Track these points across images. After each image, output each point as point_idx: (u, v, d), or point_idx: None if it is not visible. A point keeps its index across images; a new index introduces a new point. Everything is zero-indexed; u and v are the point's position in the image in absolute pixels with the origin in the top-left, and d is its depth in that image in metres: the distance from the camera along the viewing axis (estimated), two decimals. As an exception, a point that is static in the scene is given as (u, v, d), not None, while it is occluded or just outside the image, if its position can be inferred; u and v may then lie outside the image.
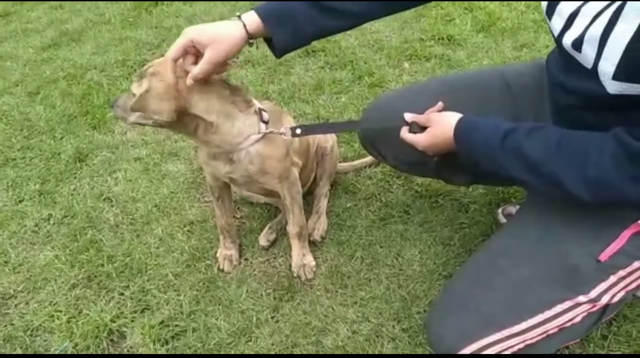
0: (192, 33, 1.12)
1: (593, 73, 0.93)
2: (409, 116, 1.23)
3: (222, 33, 1.11)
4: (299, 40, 1.17)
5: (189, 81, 1.16)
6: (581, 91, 1.01)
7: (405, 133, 1.22)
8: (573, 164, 0.95)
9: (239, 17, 1.12)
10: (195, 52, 1.16)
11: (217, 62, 1.12)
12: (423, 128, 1.20)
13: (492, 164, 1.07)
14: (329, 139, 1.74)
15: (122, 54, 2.86)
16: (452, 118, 1.13)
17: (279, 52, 1.18)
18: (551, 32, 1.06)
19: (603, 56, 0.90)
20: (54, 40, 3.17)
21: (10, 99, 2.63)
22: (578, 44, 0.94)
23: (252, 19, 1.12)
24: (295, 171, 1.50)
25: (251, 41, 1.14)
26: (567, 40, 0.97)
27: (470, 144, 1.10)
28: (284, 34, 1.13)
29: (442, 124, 1.15)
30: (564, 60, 1.04)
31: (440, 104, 1.23)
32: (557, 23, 1.01)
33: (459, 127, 1.11)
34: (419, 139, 1.19)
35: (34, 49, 3.10)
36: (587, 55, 0.93)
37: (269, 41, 1.18)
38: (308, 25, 1.14)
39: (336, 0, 1.13)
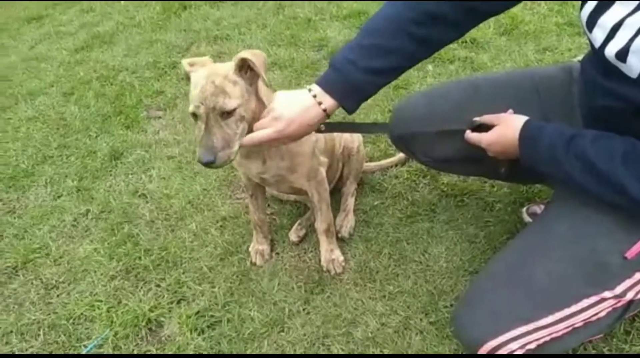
0: (283, 124, 1.17)
1: (638, 82, 0.95)
2: (477, 119, 1.27)
3: (305, 125, 1.19)
4: (365, 99, 1.25)
5: (247, 141, 1.21)
6: (622, 97, 1.02)
7: (469, 133, 1.27)
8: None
9: (315, 96, 1.19)
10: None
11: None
12: (488, 128, 1.23)
13: (554, 169, 1.09)
14: (355, 140, 1.79)
15: (152, 56, 2.96)
16: (519, 120, 1.17)
17: (350, 113, 1.26)
18: (591, 43, 1.07)
19: None
20: (86, 42, 3.28)
21: (46, 100, 2.74)
22: (623, 55, 0.95)
23: (330, 103, 1.19)
24: (323, 171, 1.55)
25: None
26: (610, 51, 0.98)
27: (534, 146, 1.12)
28: (352, 102, 1.22)
29: (509, 125, 1.18)
30: (603, 66, 1.05)
31: (510, 110, 1.27)
32: (598, 35, 1.02)
33: (525, 129, 1.14)
34: (482, 137, 1.23)
35: (67, 51, 3.22)
36: (632, 65, 0.95)
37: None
38: (370, 88, 1.22)
39: (381, 60, 1.18)
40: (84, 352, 1.48)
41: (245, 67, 1.22)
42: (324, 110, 1.19)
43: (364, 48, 1.18)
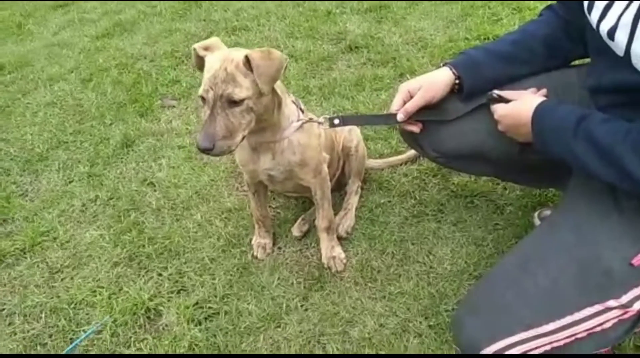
0: (406, 85, 1.33)
1: (626, 60, 0.96)
2: (497, 91, 1.28)
3: (431, 78, 1.32)
4: (481, 85, 1.31)
5: (400, 115, 1.30)
6: (618, 84, 1.03)
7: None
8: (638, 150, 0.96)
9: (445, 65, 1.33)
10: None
11: (426, 98, 1.30)
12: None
13: (561, 147, 1.08)
14: (353, 139, 1.76)
15: (171, 45, 2.96)
16: (537, 99, 1.18)
17: (465, 94, 1.32)
18: (591, 27, 1.08)
19: (635, 37, 0.93)
20: (108, 30, 3.31)
21: (65, 86, 2.77)
22: (612, 32, 0.99)
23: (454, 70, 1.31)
24: (325, 166, 1.53)
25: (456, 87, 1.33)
26: (603, 29, 1.02)
27: (545, 123, 1.12)
28: (471, 80, 1.31)
29: (526, 101, 1.19)
30: (598, 59, 1.08)
31: (544, 90, 1.27)
32: (595, 15, 1.05)
33: (540, 107, 1.14)
34: (497, 107, 1.24)
35: (89, 38, 3.25)
36: (619, 42, 0.97)
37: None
38: (489, 72, 1.31)
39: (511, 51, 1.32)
40: (82, 337, 1.49)
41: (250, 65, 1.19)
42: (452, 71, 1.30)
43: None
